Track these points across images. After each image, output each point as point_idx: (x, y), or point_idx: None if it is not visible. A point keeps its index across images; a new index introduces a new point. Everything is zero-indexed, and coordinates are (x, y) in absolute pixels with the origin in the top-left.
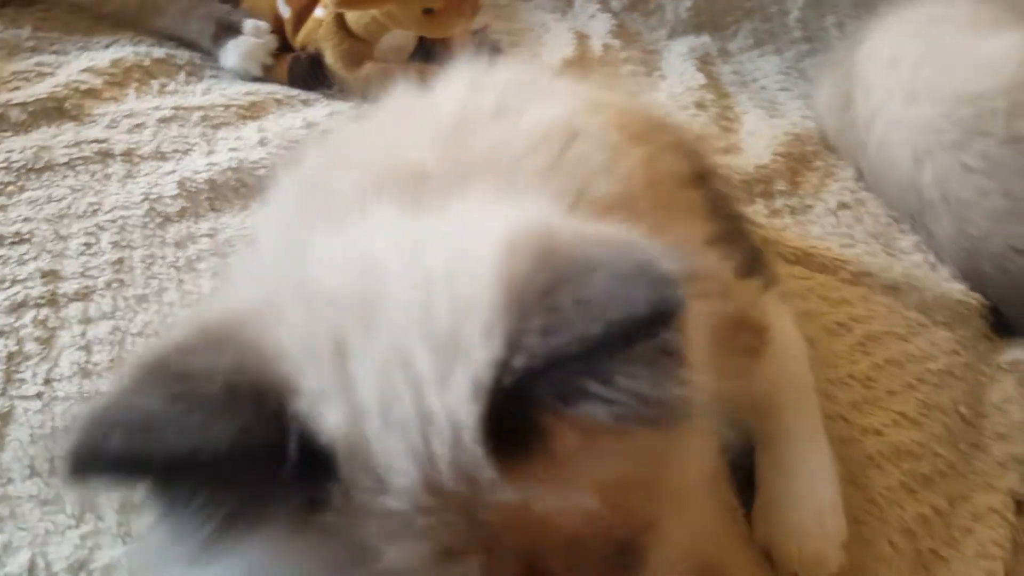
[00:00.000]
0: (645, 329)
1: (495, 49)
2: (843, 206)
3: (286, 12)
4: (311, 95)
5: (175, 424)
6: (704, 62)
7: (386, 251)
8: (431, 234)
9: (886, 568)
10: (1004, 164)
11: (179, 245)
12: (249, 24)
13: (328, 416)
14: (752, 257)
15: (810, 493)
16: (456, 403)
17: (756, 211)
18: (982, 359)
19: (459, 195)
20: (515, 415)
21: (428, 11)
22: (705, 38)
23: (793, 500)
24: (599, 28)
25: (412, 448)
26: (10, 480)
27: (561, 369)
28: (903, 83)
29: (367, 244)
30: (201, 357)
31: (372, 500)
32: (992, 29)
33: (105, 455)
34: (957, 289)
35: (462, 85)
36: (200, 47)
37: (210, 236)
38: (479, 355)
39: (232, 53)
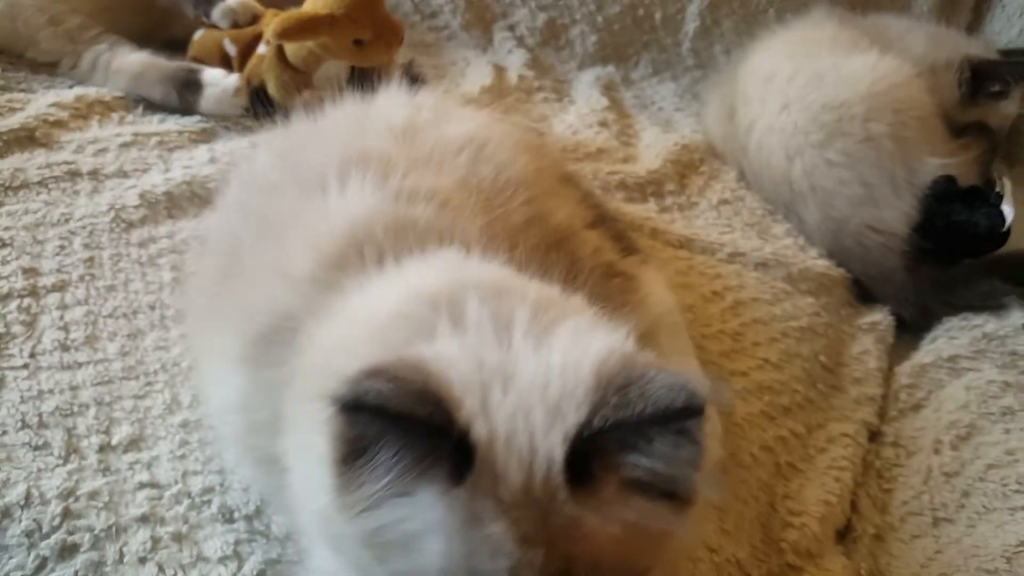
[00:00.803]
0: (678, 416)
1: (420, 79)
2: (724, 202)
3: (232, 51)
4: (255, 122)
5: (398, 397)
6: (609, 88)
7: (519, 337)
8: (551, 340)
9: (747, 474)
10: (861, 159)
11: (142, 245)
12: (208, 75)
13: (477, 428)
14: (624, 238)
15: None
16: (552, 445)
17: (648, 208)
18: (844, 321)
19: (413, 176)
20: (586, 460)
21: (358, 42)
22: (610, 68)
23: None
24: (515, 61)
25: (521, 465)
26: (5, 432)
27: (621, 431)
28: (777, 95)
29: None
30: (414, 375)
31: (490, 489)
32: (852, 50)
33: (363, 402)
34: (821, 264)
35: (402, 102)
36: (169, 108)
37: (168, 238)
38: (572, 418)
39: (209, 103)
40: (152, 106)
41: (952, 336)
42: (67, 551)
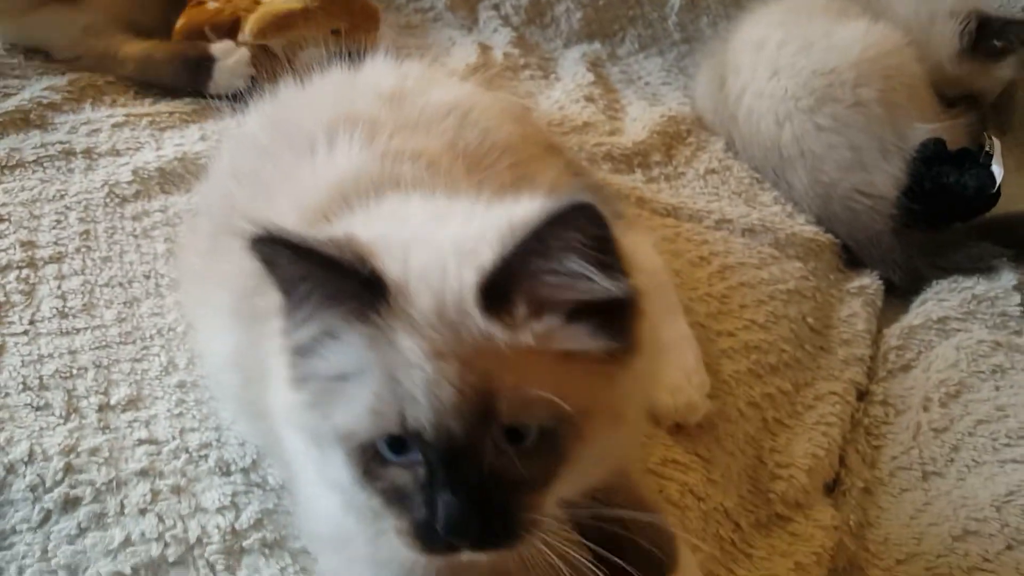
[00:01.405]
0: (569, 215)
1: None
2: (711, 171)
3: (213, 37)
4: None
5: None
6: (595, 65)
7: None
8: (477, 211)
9: (735, 428)
10: (850, 123)
11: (136, 219)
12: (217, 48)
13: (390, 269)
14: (610, 204)
15: (677, 358)
16: (464, 275)
17: (635, 178)
18: (832, 285)
19: (399, 138)
20: (502, 293)
21: (336, 32)
22: (596, 45)
23: (665, 366)
24: (501, 40)
25: (433, 292)
26: (7, 394)
27: (528, 254)
28: (768, 62)
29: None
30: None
31: (404, 315)
32: (842, 18)
33: (274, 235)
34: (809, 229)
35: (389, 70)
36: (177, 89)
37: (162, 212)
38: (484, 255)
39: (223, 75)
40: (143, 89)
41: (942, 298)
42: (70, 504)
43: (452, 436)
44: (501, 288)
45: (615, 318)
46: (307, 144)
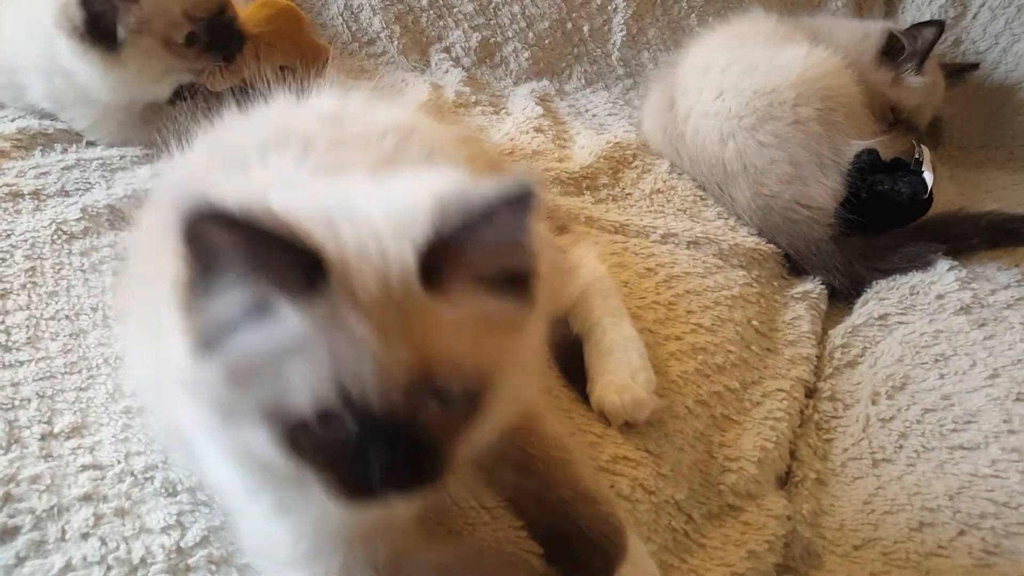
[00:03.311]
0: (514, 200)
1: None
2: (657, 191)
3: None
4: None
5: (244, 210)
6: (544, 100)
7: (360, 189)
8: (391, 184)
9: (683, 424)
10: (790, 139)
11: (84, 254)
12: None
13: (327, 245)
14: (557, 221)
15: (623, 358)
16: (404, 252)
17: (584, 200)
18: (776, 292)
19: (335, 153)
20: (437, 265)
21: (283, 68)
22: (545, 82)
23: (612, 367)
24: (451, 80)
25: (376, 272)
26: None
27: (465, 229)
28: (713, 84)
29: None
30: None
31: (348, 296)
32: (786, 44)
33: (211, 208)
34: (752, 240)
35: (335, 96)
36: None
37: (111, 247)
38: (418, 229)
39: None
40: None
41: (882, 297)
42: (8, 533)
43: (394, 406)
44: (440, 261)
45: (523, 284)
46: (240, 162)
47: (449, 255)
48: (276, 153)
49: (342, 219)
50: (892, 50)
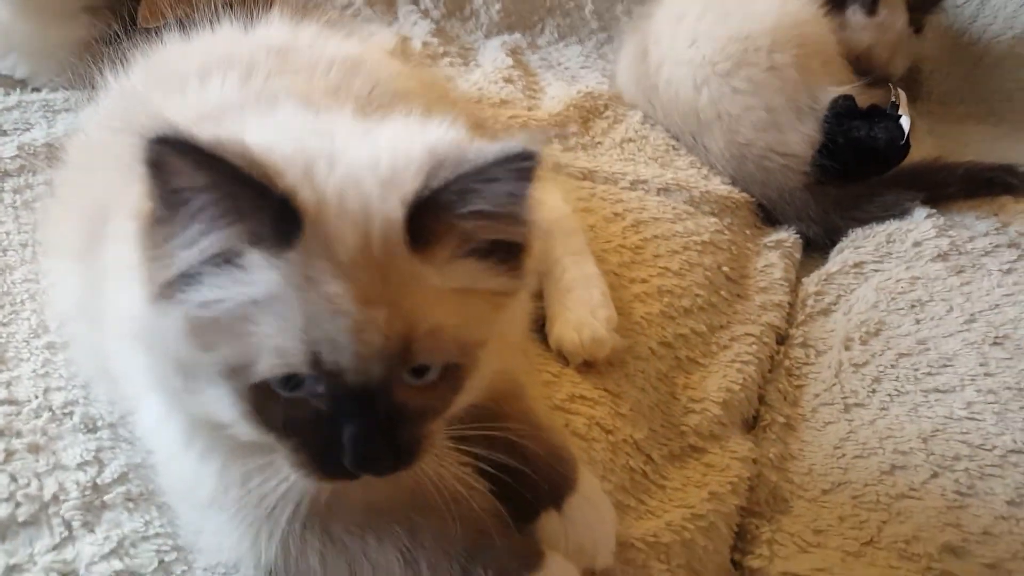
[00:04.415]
0: (516, 158)
1: None
2: (628, 140)
3: None
4: None
5: (214, 144)
6: (515, 53)
7: (343, 131)
8: (380, 131)
9: (646, 365)
10: (765, 86)
11: (17, 192)
12: None
13: (302, 193)
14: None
15: (583, 295)
16: (390, 208)
17: (553, 148)
18: (749, 240)
19: (278, 77)
20: (425, 224)
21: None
22: (517, 35)
23: (571, 304)
24: (419, 31)
25: (357, 227)
26: None
27: (459, 186)
28: (687, 32)
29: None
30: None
31: (324, 251)
32: None
33: (177, 138)
34: (724, 188)
35: (284, 27)
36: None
37: (47, 184)
38: (409, 185)
39: None
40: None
41: (857, 245)
42: None
43: (370, 377)
44: (428, 221)
45: (514, 257)
46: (179, 85)
47: (440, 215)
48: (216, 77)
49: (323, 163)
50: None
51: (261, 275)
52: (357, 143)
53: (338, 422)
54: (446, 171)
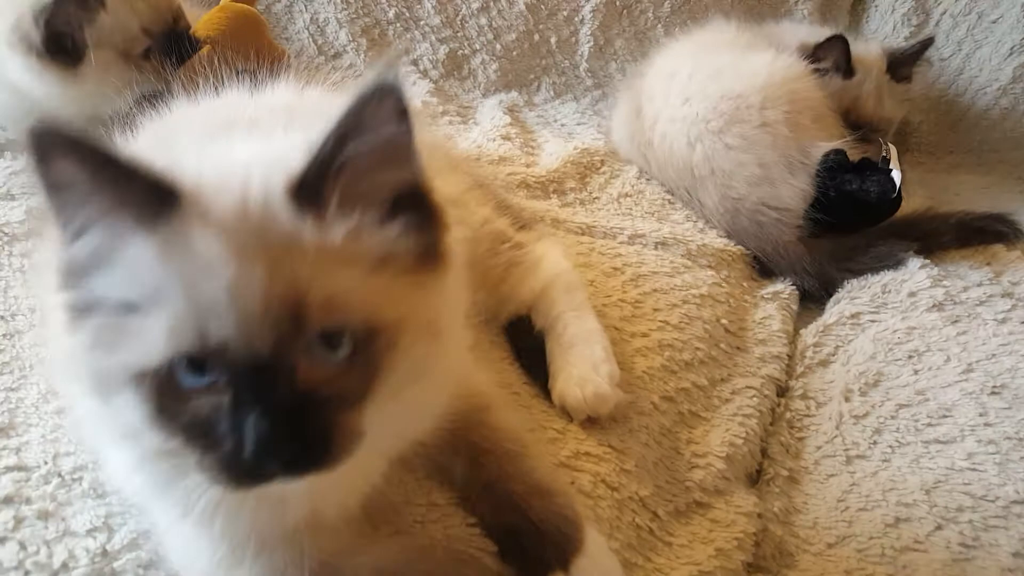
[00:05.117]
0: (373, 92)
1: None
2: (625, 195)
3: None
4: None
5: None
6: (512, 110)
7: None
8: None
9: (649, 420)
10: (757, 142)
11: (24, 256)
12: None
13: (180, 178)
14: (521, 219)
15: (585, 351)
16: (269, 174)
17: (550, 203)
18: (746, 292)
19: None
20: (308, 187)
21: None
22: (513, 93)
23: (574, 360)
24: (419, 91)
25: (233, 193)
26: None
27: (343, 140)
28: (679, 90)
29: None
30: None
31: (200, 216)
32: (749, 51)
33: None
34: (720, 241)
35: (291, 89)
36: None
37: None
38: (293, 162)
39: None
40: None
41: (854, 296)
42: None
43: (259, 347)
44: (312, 185)
45: (422, 222)
46: (183, 145)
47: (322, 172)
48: (219, 136)
49: (211, 159)
50: (811, 60)
51: (144, 259)
52: (251, 147)
53: (239, 412)
54: (322, 134)
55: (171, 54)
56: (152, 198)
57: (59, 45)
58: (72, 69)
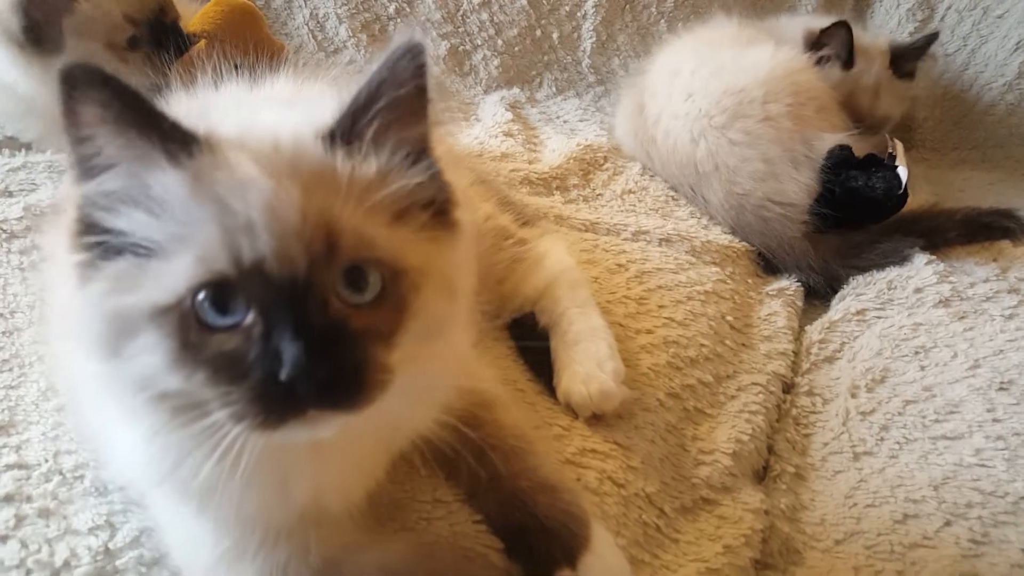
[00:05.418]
0: (405, 52)
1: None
2: (628, 192)
3: None
4: None
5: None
6: (514, 107)
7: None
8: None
9: (654, 417)
10: (761, 136)
11: (23, 253)
12: None
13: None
14: (524, 216)
15: (590, 348)
16: (303, 129)
17: (553, 200)
18: (751, 288)
19: None
20: (342, 128)
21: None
22: (515, 90)
23: (578, 357)
24: None
25: (266, 136)
26: None
27: (381, 88)
28: (682, 86)
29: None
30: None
31: (231, 150)
32: (750, 45)
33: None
34: (724, 237)
35: (290, 82)
36: None
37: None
38: (324, 118)
39: None
40: (41, 146)
41: (859, 292)
42: None
43: (295, 267)
44: (346, 127)
45: (436, 184)
46: None
47: (357, 120)
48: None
49: (239, 119)
50: (814, 46)
51: (171, 191)
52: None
53: (272, 337)
54: (357, 87)
55: (162, 46)
56: (181, 137)
57: (38, 35)
58: (54, 59)
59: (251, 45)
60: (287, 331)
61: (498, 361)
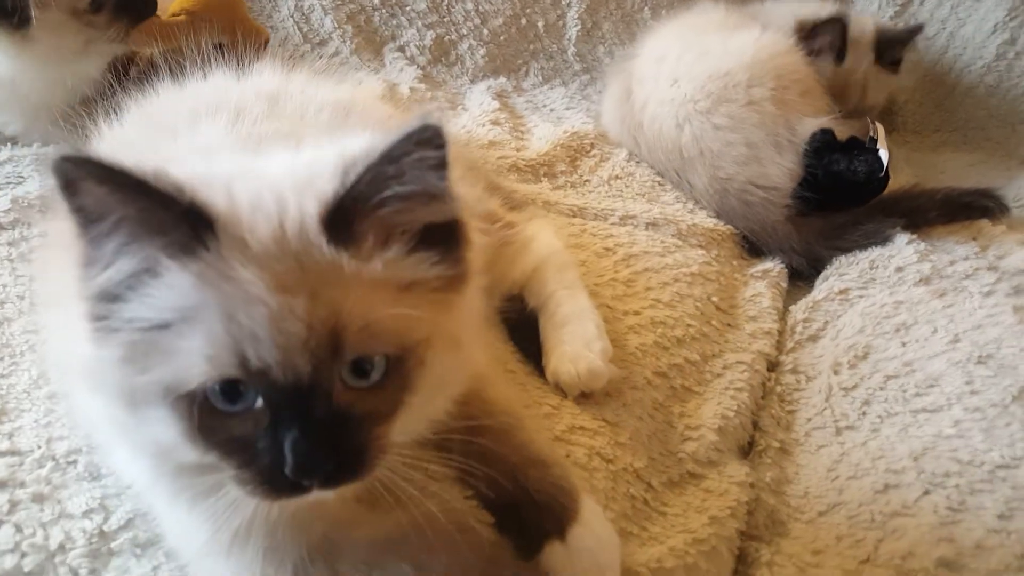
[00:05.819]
0: (417, 133)
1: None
2: (615, 178)
3: None
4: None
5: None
6: (501, 96)
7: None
8: (302, 153)
9: (642, 395)
10: (745, 121)
11: (12, 244)
12: None
13: (215, 200)
14: (513, 200)
15: (577, 329)
16: (305, 205)
17: (541, 186)
18: (736, 270)
19: (267, 120)
20: (346, 222)
21: (220, 46)
22: (502, 79)
23: (567, 338)
24: (406, 77)
25: (270, 222)
26: None
27: (373, 176)
28: (668, 72)
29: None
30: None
31: (238, 247)
32: (736, 30)
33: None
34: (709, 221)
35: (276, 74)
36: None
37: (42, 236)
38: (324, 184)
39: None
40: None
41: (842, 272)
42: None
43: (299, 374)
44: (348, 216)
45: (449, 246)
46: (169, 131)
47: (358, 207)
48: (206, 121)
49: (239, 180)
50: (807, 38)
51: (180, 285)
52: (278, 162)
53: (279, 431)
54: (358, 166)
55: (125, 6)
56: (186, 225)
57: (2, 8)
58: (21, 33)
59: (232, 25)
60: (292, 427)
61: (488, 342)
